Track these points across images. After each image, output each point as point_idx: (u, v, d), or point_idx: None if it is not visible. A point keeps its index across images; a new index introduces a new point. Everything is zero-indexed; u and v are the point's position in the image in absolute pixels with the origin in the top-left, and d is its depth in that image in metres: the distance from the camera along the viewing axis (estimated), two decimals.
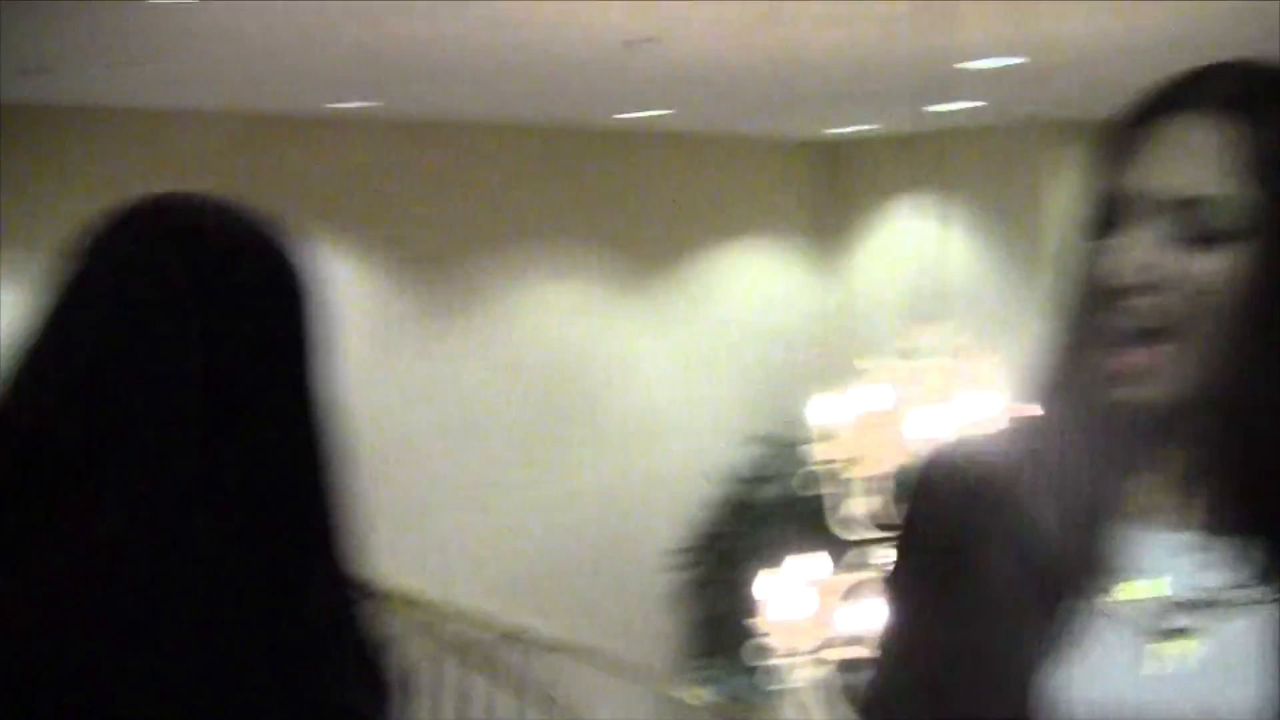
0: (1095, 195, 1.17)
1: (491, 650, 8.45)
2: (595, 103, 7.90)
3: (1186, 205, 1.09)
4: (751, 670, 8.86)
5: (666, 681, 9.11)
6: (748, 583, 8.78)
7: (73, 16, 5.08)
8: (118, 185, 5.34)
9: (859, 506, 4.20)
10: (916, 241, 8.73)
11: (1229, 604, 1.11)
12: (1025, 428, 1.22)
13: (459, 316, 8.89)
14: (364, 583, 1.06)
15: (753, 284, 10.10)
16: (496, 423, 9.00)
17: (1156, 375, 1.11)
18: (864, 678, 1.34)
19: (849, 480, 4.22)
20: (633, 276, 9.54)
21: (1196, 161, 1.10)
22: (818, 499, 8.45)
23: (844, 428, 4.18)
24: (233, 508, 0.98)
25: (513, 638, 8.62)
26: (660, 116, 8.48)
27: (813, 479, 4.33)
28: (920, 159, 8.96)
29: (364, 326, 8.22)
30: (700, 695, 8.93)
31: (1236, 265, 1.09)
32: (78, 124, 7.75)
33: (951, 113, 7.68)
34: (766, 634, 4.26)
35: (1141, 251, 1.10)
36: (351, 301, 8.14)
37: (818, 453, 4.17)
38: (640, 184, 9.57)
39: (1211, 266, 1.09)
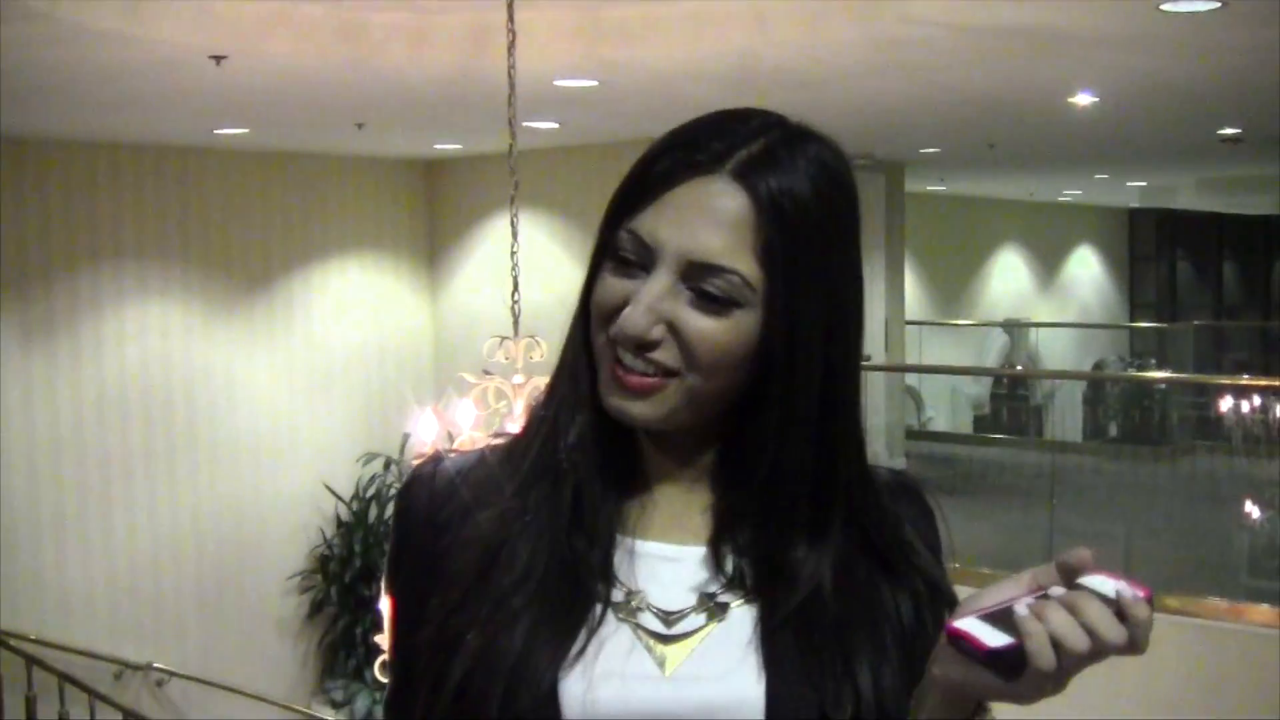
0: (613, 225, 1.26)
1: (116, 684, 8.19)
2: (186, 120, 7.65)
3: (697, 268, 1.19)
4: (380, 687, 8.89)
5: (297, 704, 9.03)
6: (367, 601, 8.82)
7: None
8: None
9: None
10: (505, 259, 8.93)
11: (719, 608, 1.24)
12: (521, 435, 1.33)
13: (50, 338, 8.38)
14: None
15: (358, 301, 10.06)
16: (96, 449, 8.57)
17: (651, 398, 1.22)
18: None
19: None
20: (233, 295, 9.29)
21: (707, 226, 1.19)
22: None
23: (435, 446, 4.20)
24: None
25: (135, 670, 8.36)
26: (249, 134, 8.31)
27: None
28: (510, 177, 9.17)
29: None
30: (331, 716, 8.85)
31: (736, 329, 1.20)
32: None
33: (540, 131, 7.93)
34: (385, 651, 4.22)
35: (652, 299, 1.19)
36: None
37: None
38: (238, 202, 9.34)
39: (712, 326, 1.19)
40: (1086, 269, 19.48)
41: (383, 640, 4.31)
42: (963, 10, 4.93)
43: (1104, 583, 1.05)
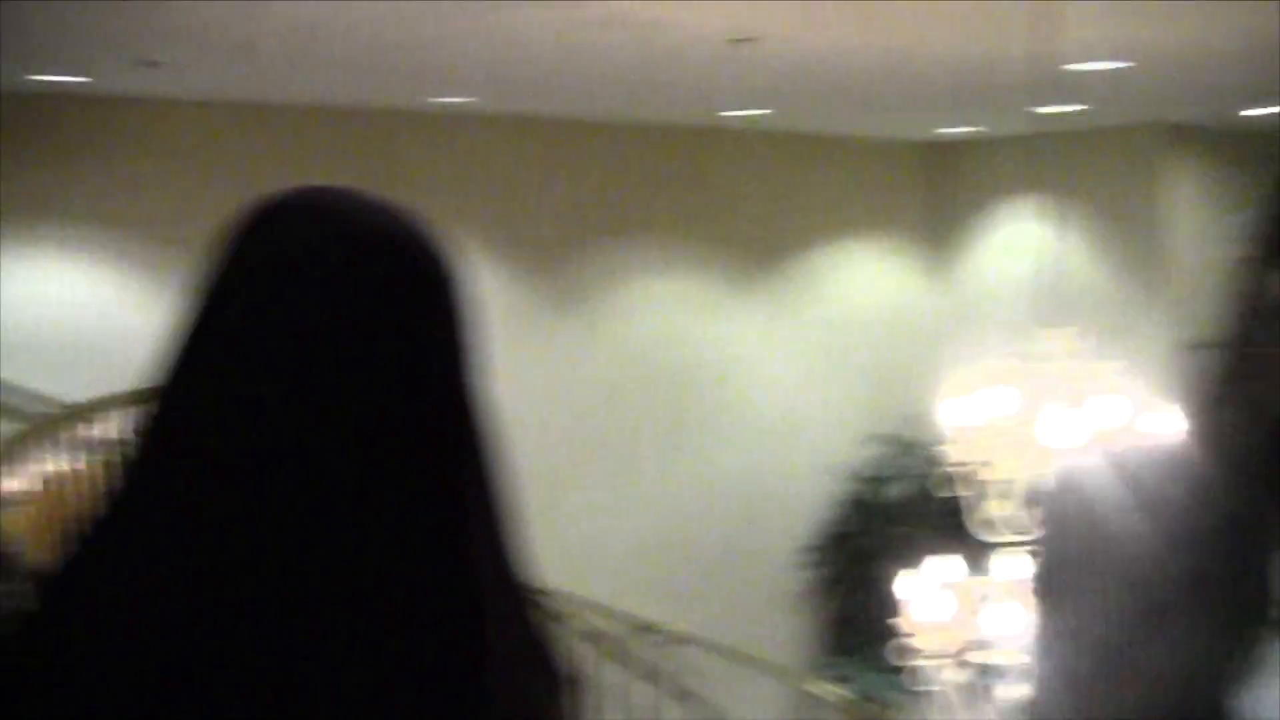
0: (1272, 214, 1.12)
1: (624, 643, 8.45)
2: (699, 101, 7.82)
3: None
4: (883, 669, 8.75)
5: (799, 677, 9.05)
6: (875, 581, 8.70)
7: (187, 12, 5.14)
8: (225, 178, 5.43)
9: (995, 509, 4.05)
10: (1028, 243, 8.60)
11: None
12: (1174, 440, 1.19)
13: (572, 312, 8.81)
14: (531, 579, 1.07)
15: (865, 282, 10.01)
16: (618, 415, 8.95)
17: None
18: (1007, 682, 1.33)
19: (984, 483, 4.06)
20: (745, 273, 9.46)
21: None
22: (943, 500, 8.32)
23: (975, 430, 4.03)
24: (399, 510, 0.95)
25: (646, 630, 8.59)
26: (765, 115, 8.44)
27: (948, 480, 4.17)
28: (1029, 161, 8.79)
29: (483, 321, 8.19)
30: (833, 691, 8.80)
31: None
32: (188, 117, 7.86)
33: (1060, 115, 7.56)
34: (909, 635, 4.12)
35: None
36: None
37: (951, 455, 4.00)
38: (749, 182, 9.51)
39: None
40: None
41: (899, 623, 4.20)
42: None
43: None
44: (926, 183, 10.26)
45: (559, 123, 8.74)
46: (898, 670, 8.62)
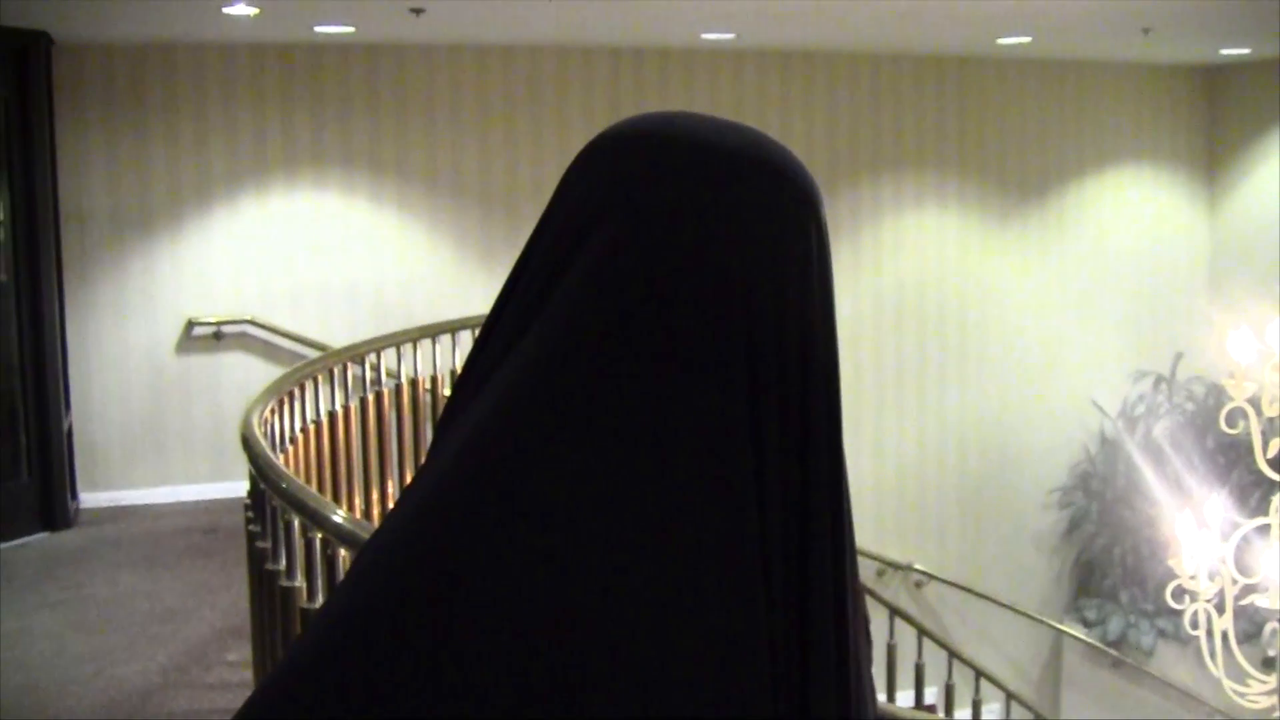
0: None
1: (878, 580, 8.52)
2: (960, 29, 7.67)
3: None
4: (1134, 611, 8.63)
5: (1049, 617, 9.00)
6: (1128, 523, 8.55)
7: None
8: (483, 120, 5.65)
9: None
10: None
11: None
12: None
13: (837, 246, 8.84)
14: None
15: (1131, 214, 9.71)
16: (872, 352, 8.96)
17: None
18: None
19: (1270, 420, 3.94)
20: (1007, 205, 9.30)
21: None
22: (1213, 438, 8.12)
23: (1259, 366, 3.90)
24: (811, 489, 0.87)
25: (895, 568, 8.65)
26: (1031, 44, 8.23)
27: (1228, 418, 4.07)
28: None
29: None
30: (1082, 634, 8.73)
31: None
32: (448, 61, 8.10)
33: None
34: (1179, 577, 4.03)
35: None
36: None
37: (1236, 390, 3.89)
38: (1012, 113, 9.32)
39: None
40: None
41: (1175, 565, 4.12)
42: None
43: None
44: (1197, 109, 9.86)
45: (815, 55, 8.72)
46: (1150, 613, 8.54)
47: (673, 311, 0.84)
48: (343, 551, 3.11)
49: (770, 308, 0.86)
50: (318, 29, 7.09)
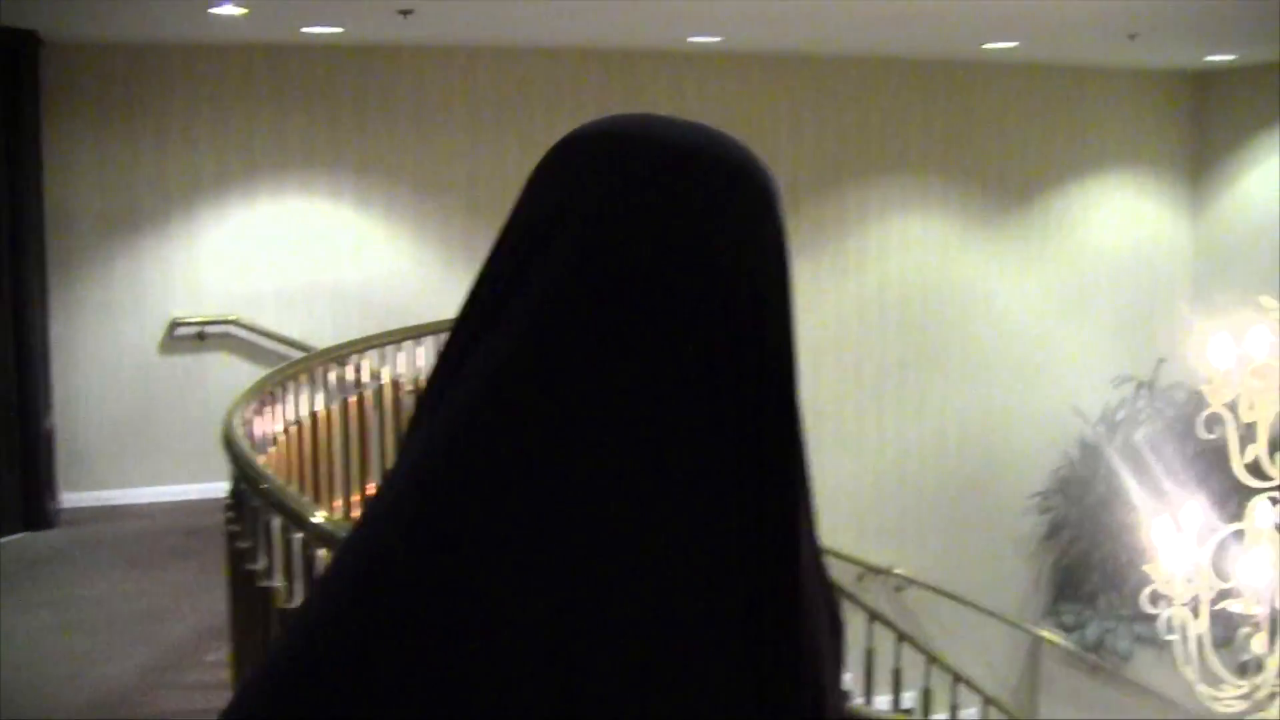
0: None
1: (858, 585, 8.52)
2: (950, 35, 7.70)
3: None
4: (1112, 616, 8.65)
5: (1026, 621, 9.02)
6: (1109, 528, 8.58)
7: None
8: (473, 121, 5.68)
9: (1260, 452, 3.96)
10: None
11: None
12: None
13: (818, 252, 8.86)
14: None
15: (1116, 219, 9.75)
16: (854, 356, 8.98)
17: None
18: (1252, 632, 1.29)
19: (1249, 426, 3.97)
20: (990, 210, 9.34)
21: None
22: (1192, 444, 8.14)
23: (1237, 371, 3.93)
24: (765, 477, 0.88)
25: (876, 573, 8.66)
26: (1018, 48, 8.25)
27: (1206, 423, 4.09)
28: None
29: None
30: (1060, 639, 8.76)
31: None
32: (438, 63, 8.12)
33: None
34: (1153, 581, 4.05)
35: None
36: None
37: (1213, 396, 3.91)
38: (1000, 118, 9.34)
39: None
40: None
41: (1144, 570, 4.15)
42: None
43: None
44: (1181, 115, 9.90)
45: (805, 60, 8.74)
46: (1127, 618, 8.56)
47: (636, 311, 0.84)
48: (322, 552, 3.13)
49: (732, 304, 0.86)
50: (306, 30, 7.10)
